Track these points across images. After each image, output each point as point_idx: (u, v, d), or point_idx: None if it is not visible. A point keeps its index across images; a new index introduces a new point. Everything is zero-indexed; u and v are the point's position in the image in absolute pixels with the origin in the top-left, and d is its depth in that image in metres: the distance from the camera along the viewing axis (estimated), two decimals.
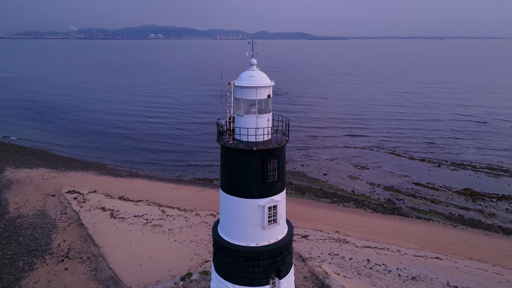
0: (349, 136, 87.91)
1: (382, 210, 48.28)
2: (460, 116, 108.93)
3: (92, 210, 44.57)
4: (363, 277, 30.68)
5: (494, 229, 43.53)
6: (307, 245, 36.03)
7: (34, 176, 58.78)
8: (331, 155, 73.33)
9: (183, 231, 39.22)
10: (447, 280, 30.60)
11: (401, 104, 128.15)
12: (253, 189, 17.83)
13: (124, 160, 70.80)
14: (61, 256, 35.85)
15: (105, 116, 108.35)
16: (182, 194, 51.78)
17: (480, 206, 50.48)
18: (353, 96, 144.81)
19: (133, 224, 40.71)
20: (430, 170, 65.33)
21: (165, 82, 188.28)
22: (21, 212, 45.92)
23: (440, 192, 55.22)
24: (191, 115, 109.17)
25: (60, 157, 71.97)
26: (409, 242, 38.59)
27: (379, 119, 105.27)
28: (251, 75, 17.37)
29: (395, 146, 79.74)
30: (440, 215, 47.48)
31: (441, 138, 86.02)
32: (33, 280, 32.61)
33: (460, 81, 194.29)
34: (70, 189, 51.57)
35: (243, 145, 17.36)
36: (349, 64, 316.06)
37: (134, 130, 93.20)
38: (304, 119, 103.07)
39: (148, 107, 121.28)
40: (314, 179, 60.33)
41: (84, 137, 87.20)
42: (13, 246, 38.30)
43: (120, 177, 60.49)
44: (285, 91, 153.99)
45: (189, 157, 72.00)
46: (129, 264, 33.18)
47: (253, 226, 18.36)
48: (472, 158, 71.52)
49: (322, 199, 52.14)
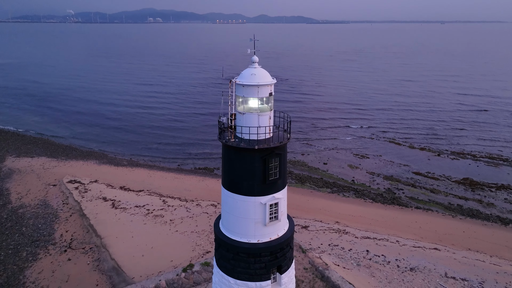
0: (350, 124, 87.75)
1: (381, 200, 48.60)
2: (460, 105, 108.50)
3: (94, 200, 44.83)
4: (363, 268, 31.11)
5: (492, 219, 43.92)
6: (307, 236, 36.40)
7: (35, 165, 58.92)
8: (331, 144, 73.36)
9: (184, 221, 39.55)
10: (445, 271, 31.05)
11: (401, 92, 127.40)
12: (255, 187, 17.87)
13: (124, 149, 70.83)
14: (64, 247, 36.26)
15: (104, 104, 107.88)
16: (182, 184, 52.02)
17: (479, 196, 50.80)
18: (354, 83, 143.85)
19: (135, 215, 41.02)
20: (430, 159, 65.47)
21: (163, 69, 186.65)
22: (23, 202, 46.21)
23: (440, 182, 55.48)
24: (191, 104, 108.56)
25: (61, 146, 72.01)
26: (408, 232, 38.99)
27: (380, 107, 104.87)
28: (252, 73, 17.18)
29: (395, 135, 79.70)
30: (439, 205, 47.83)
31: (441, 126, 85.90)
32: (37, 270, 33.07)
33: (462, 67, 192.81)
34: (71, 179, 51.76)
35: (245, 143, 17.31)
36: (350, 49, 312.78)
37: (133, 118, 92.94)
38: (304, 107, 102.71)
39: (148, 96, 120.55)
40: (314, 168, 60.50)
41: (84, 125, 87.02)
42: (16, 236, 38.70)
43: (121, 166, 60.65)
44: (285, 78, 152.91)
45: (189, 146, 72.02)
46: (131, 255, 33.58)
47: (255, 223, 18.48)
48: (472, 147, 71.59)
49: (322, 188, 52.42)
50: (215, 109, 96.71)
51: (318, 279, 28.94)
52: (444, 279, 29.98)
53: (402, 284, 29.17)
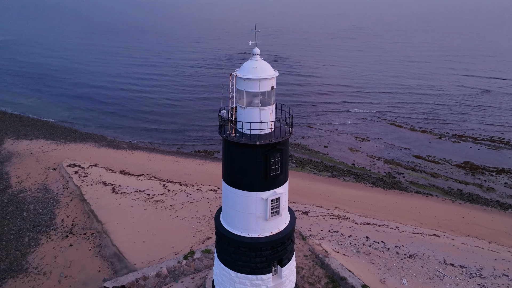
0: (350, 106, 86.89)
1: (382, 184, 48.63)
2: (463, 85, 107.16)
3: (94, 185, 44.79)
4: (362, 255, 31.37)
5: (491, 204, 44.08)
6: (308, 222, 36.55)
7: (34, 148, 58.62)
8: (332, 127, 72.88)
9: (184, 207, 39.63)
10: (443, 257, 31.33)
11: (403, 73, 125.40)
12: (256, 183, 17.63)
13: (123, 131, 70.38)
14: (66, 232, 36.47)
15: (102, 84, 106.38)
16: (183, 168, 51.90)
17: (479, 180, 50.83)
18: (355, 64, 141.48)
19: (135, 200, 41.06)
20: (431, 142, 65.18)
21: (161, 48, 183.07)
22: (23, 186, 46.20)
23: (440, 166, 55.41)
24: (189, 86, 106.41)
25: (59, 128, 71.49)
26: (408, 218, 39.16)
27: (381, 89, 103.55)
28: (254, 66, 16.56)
29: (396, 116, 79.08)
30: (439, 189, 47.91)
31: (443, 108, 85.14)
32: (39, 256, 33.35)
33: (465, 46, 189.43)
34: (71, 163, 51.57)
35: (246, 138, 16.91)
36: (350, 26, 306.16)
37: (132, 99, 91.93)
38: (304, 89, 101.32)
39: (145, 77, 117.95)
40: (315, 152, 60.30)
41: (82, 106, 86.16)
42: (17, 221, 38.87)
43: (120, 149, 60.37)
44: (286, 56, 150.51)
45: (189, 128, 71.52)
46: (133, 241, 33.78)
47: (256, 218, 18.36)
48: (473, 130, 71.16)
49: (323, 172, 52.37)
50: (213, 92, 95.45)
51: (318, 266, 29.21)
52: (442, 266, 30.28)
53: (401, 271, 29.47)
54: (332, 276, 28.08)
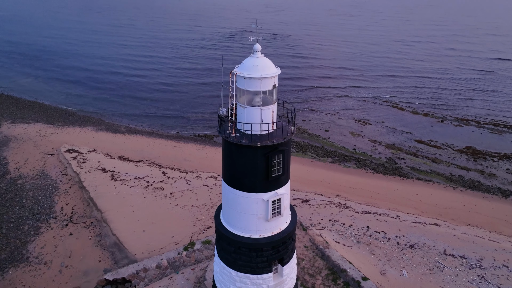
0: (352, 88, 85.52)
1: (383, 170, 48.28)
2: (466, 67, 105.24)
3: (93, 171, 44.40)
4: (363, 245, 31.32)
5: (493, 191, 43.89)
6: (308, 211, 36.38)
7: (31, 132, 57.93)
8: (333, 109, 71.90)
9: (184, 195, 39.37)
10: (444, 248, 31.30)
11: (405, 53, 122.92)
12: (257, 184, 17.11)
13: (122, 114, 69.42)
14: (65, 221, 36.35)
15: (99, 65, 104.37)
16: (182, 153, 51.41)
17: (481, 166, 50.47)
18: (356, 43, 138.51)
19: (134, 187, 40.76)
20: (433, 126, 64.44)
21: (156, 27, 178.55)
22: (22, 172, 45.83)
23: (442, 151, 54.92)
24: (187, 67, 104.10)
25: (57, 110, 70.47)
26: (409, 206, 39.00)
27: (383, 70, 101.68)
28: (255, 63, 15.67)
29: (398, 99, 77.93)
30: (440, 176, 47.61)
31: (446, 90, 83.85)
32: (39, 245, 33.32)
33: (469, 23, 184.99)
34: (69, 148, 51.01)
35: (247, 139, 16.24)
36: (351, 2, 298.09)
37: (130, 80, 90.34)
38: (304, 70, 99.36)
39: (143, 57, 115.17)
40: (316, 136, 59.65)
41: (80, 87, 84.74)
42: (17, 209, 38.70)
43: (119, 133, 59.68)
44: (288, 34, 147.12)
45: (188, 110, 70.54)
46: (132, 230, 33.67)
47: (257, 219, 17.96)
48: (476, 113, 70.27)
49: (323, 158, 51.92)
50: (212, 74, 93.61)
51: (318, 258, 29.21)
52: (443, 257, 30.28)
53: (401, 262, 29.48)
54: (332, 267, 28.10)
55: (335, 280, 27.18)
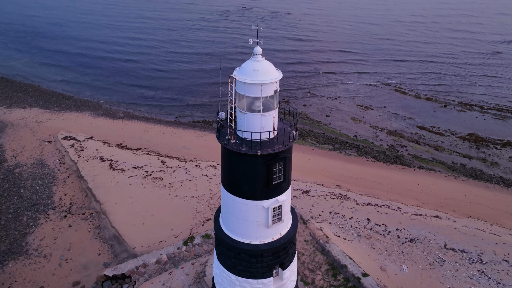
0: (354, 71, 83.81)
1: (384, 158, 47.78)
2: (472, 47, 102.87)
3: (91, 160, 43.87)
4: (363, 239, 31.20)
5: (495, 181, 43.55)
6: (308, 202, 36.10)
7: (27, 118, 57.01)
8: (334, 93, 70.64)
9: (183, 185, 39.00)
10: (444, 241, 31.20)
11: (408, 35, 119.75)
12: (257, 191, 16.56)
13: (119, 98, 68.19)
14: (64, 212, 36.11)
15: (96, 45, 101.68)
16: (181, 141, 50.73)
17: (484, 154, 49.94)
18: (359, 23, 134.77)
19: (133, 177, 40.34)
20: (436, 111, 63.47)
21: (155, 7, 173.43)
22: (19, 160, 45.30)
23: (444, 138, 54.25)
24: (185, 48, 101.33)
25: (53, 94, 69.19)
26: (410, 197, 38.73)
27: (385, 52, 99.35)
28: (255, 68, 14.74)
29: (401, 82, 76.51)
30: (442, 164, 47.15)
31: (449, 73, 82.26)
32: (38, 237, 33.19)
33: (477, 1, 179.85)
34: (66, 135, 50.27)
35: (246, 147, 15.53)
36: None
37: (127, 61, 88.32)
38: (305, 51, 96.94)
39: (139, 39, 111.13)
40: (317, 122, 58.80)
41: (76, 69, 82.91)
42: (15, 199, 38.41)
43: (117, 119, 58.78)
44: (287, 12, 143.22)
45: (187, 95, 69.29)
46: (132, 222, 33.48)
47: (257, 225, 17.52)
48: (480, 97, 69.12)
49: (324, 145, 51.30)
50: (211, 55, 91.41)
51: (318, 252, 29.11)
52: (443, 251, 30.21)
53: (401, 257, 29.42)
54: (332, 263, 28.03)
55: (335, 276, 27.15)
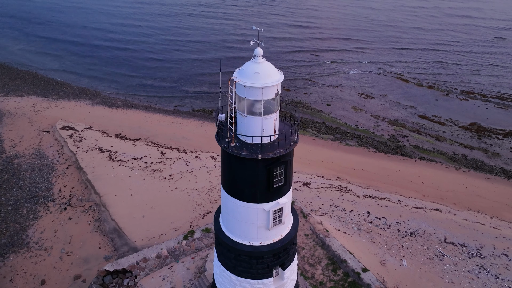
0: (356, 57, 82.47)
1: (385, 149, 47.47)
2: (475, 32, 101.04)
3: (90, 151, 43.58)
4: (363, 232, 31.21)
5: (496, 172, 43.38)
6: (309, 195, 36.01)
7: (25, 106, 56.42)
8: (336, 81, 69.74)
9: (183, 177, 38.84)
10: (444, 235, 31.23)
11: (410, 19, 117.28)
12: (258, 195, 16.31)
13: (118, 85, 67.33)
14: (64, 204, 36.06)
15: (93, 31, 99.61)
16: (180, 130, 50.31)
17: (485, 144, 49.61)
18: (360, 8, 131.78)
19: (133, 169, 40.13)
20: (437, 99, 62.80)
21: None
22: (17, 151, 45.02)
23: (446, 128, 53.83)
24: (185, 35, 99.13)
25: (51, 82, 68.31)
26: (411, 189, 38.62)
27: (387, 38, 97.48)
28: (256, 71, 14.23)
29: (403, 70, 75.46)
30: (443, 155, 46.89)
31: (452, 59, 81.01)
32: (39, 229, 33.23)
33: None
34: (64, 125, 49.83)
35: (247, 150, 15.19)
36: None
37: (125, 48, 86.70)
38: (306, 39, 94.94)
39: (137, 24, 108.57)
40: (317, 111, 58.23)
41: (73, 56, 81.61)
42: (14, 191, 38.33)
43: (116, 107, 58.17)
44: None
45: (186, 83, 68.36)
46: (132, 215, 33.45)
47: (257, 228, 17.35)
48: (483, 85, 68.29)
49: (325, 135, 50.92)
50: (211, 41, 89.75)
51: (318, 247, 29.15)
52: (443, 245, 30.26)
53: (401, 251, 29.48)
54: (332, 257, 28.10)
55: (335, 270, 27.26)
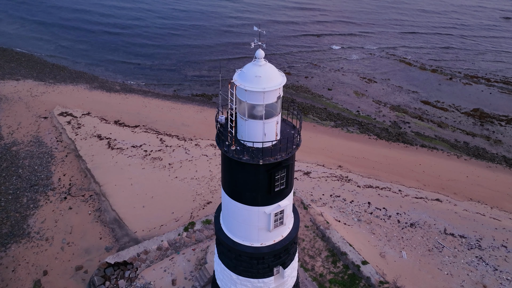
0: (358, 41, 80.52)
1: (386, 136, 47.06)
2: (480, 12, 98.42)
3: (88, 138, 43.15)
4: (363, 224, 31.27)
5: (497, 160, 43.15)
6: (309, 185, 35.89)
7: (21, 91, 55.54)
8: (337, 64, 68.46)
9: (183, 166, 38.60)
10: (444, 226, 31.32)
11: (412, 2, 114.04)
12: (259, 198, 16.06)
13: (115, 68, 66.08)
14: (64, 193, 35.98)
15: (89, 11, 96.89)
16: (180, 117, 49.70)
17: (487, 131, 49.16)
18: None
19: (132, 157, 39.85)
20: (441, 84, 61.83)
21: None
22: (16, 137, 44.62)
23: (448, 114, 53.21)
24: (184, 15, 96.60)
25: (47, 65, 66.96)
26: (411, 179, 38.48)
27: (390, 22, 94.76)
28: (257, 74, 13.64)
29: (406, 51, 73.98)
30: (445, 142, 46.52)
31: (457, 43, 79.26)
32: (39, 219, 33.27)
33: None
34: (62, 111, 49.19)
35: (248, 155, 14.81)
36: None
37: (122, 28, 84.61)
38: (308, 22, 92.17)
39: (131, 7, 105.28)
40: (318, 96, 57.40)
41: (69, 37, 79.69)
42: (13, 179, 38.19)
43: (114, 92, 57.29)
44: None
45: (185, 66, 67.11)
46: (132, 205, 33.40)
47: (258, 230, 17.22)
48: (487, 68, 67.11)
49: (326, 121, 50.38)
50: (210, 22, 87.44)
51: (319, 238, 29.24)
52: (442, 236, 30.39)
53: (401, 242, 29.62)
54: (332, 249, 28.23)
55: (334, 263, 27.44)
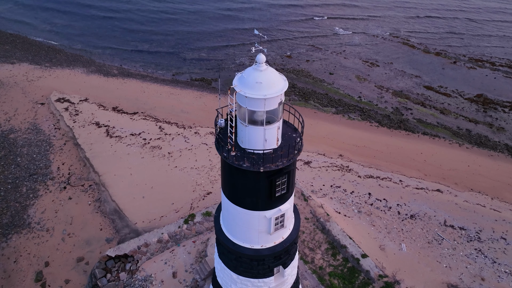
0: (361, 22, 78.49)
1: (388, 123, 46.51)
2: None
3: (87, 126, 42.64)
4: (363, 215, 31.26)
5: (499, 149, 42.81)
6: (310, 175, 35.70)
7: (17, 75, 54.52)
8: (339, 46, 66.98)
9: (183, 155, 38.30)
10: (444, 218, 31.34)
11: None
12: (259, 203, 15.78)
13: (113, 51, 64.66)
14: (63, 183, 35.85)
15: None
16: (179, 103, 48.96)
17: (490, 118, 48.57)
18: None
19: (131, 146, 39.47)
20: (444, 68, 60.67)
21: None
22: (13, 124, 44.12)
23: (451, 99, 52.43)
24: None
25: (43, 47, 65.50)
26: (412, 168, 38.25)
27: (394, 3, 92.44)
28: (258, 80, 13.04)
29: (410, 33, 72.20)
30: (447, 130, 46.02)
31: (463, 23, 77.25)
32: (40, 209, 33.28)
33: None
34: (59, 96, 48.42)
35: (248, 162, 14.41)
36: None
37: (119, 12, 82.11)
38: (309, 4, 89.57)
39: None
40: (319, 81, 56.41)
41: (65, 17, 77.68)
42: (12, 168, 37.98)
43: (111, 76, 56.23)
44: None
45: (184, 48, 65.67)
46: (132, 196, 33.31)
47: (259, 233, 17.03)
48: (492, 51, 65.72)
49: (327, 108, 49.69)
50: (209, 7, 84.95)
51: (319, 231, 29.29)
52: (442, 228, 30.45)
53: (401, 234, 29.70)
54: (332, 242, 28.31)
55: (334, 255, 27.57)
